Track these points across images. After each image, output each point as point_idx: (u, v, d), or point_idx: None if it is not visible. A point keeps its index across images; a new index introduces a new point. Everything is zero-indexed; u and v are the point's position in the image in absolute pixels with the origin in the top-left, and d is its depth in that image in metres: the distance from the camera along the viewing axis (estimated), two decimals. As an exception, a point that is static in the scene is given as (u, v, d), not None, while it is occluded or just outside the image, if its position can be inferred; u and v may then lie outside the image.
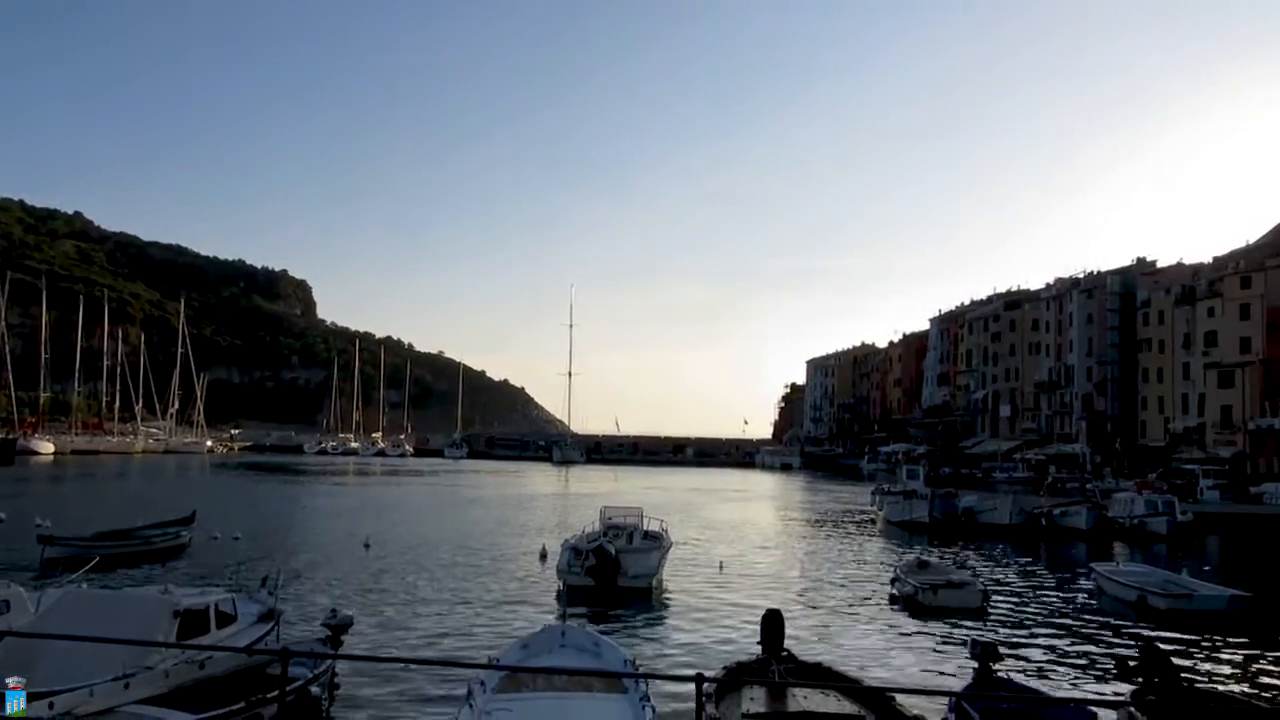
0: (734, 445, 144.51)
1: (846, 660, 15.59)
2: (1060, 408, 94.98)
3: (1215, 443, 73.85)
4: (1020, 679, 13.61)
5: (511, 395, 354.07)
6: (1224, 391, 74.21)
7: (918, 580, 22.27)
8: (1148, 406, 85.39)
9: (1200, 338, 77.99)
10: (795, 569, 29.07)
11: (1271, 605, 22.98)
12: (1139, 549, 36.87)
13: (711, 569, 27.63)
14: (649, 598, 22.22)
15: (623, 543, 24.16)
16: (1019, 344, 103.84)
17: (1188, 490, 55.93)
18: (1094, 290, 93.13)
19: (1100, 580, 25.07)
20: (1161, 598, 21.92)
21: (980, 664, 12.12)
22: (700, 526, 42.13)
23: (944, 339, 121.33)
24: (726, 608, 21.43)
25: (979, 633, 18.55)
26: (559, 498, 60.74)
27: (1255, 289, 74.18)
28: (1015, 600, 23.74)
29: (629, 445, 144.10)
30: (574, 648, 12.71)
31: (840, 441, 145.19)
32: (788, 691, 11.09)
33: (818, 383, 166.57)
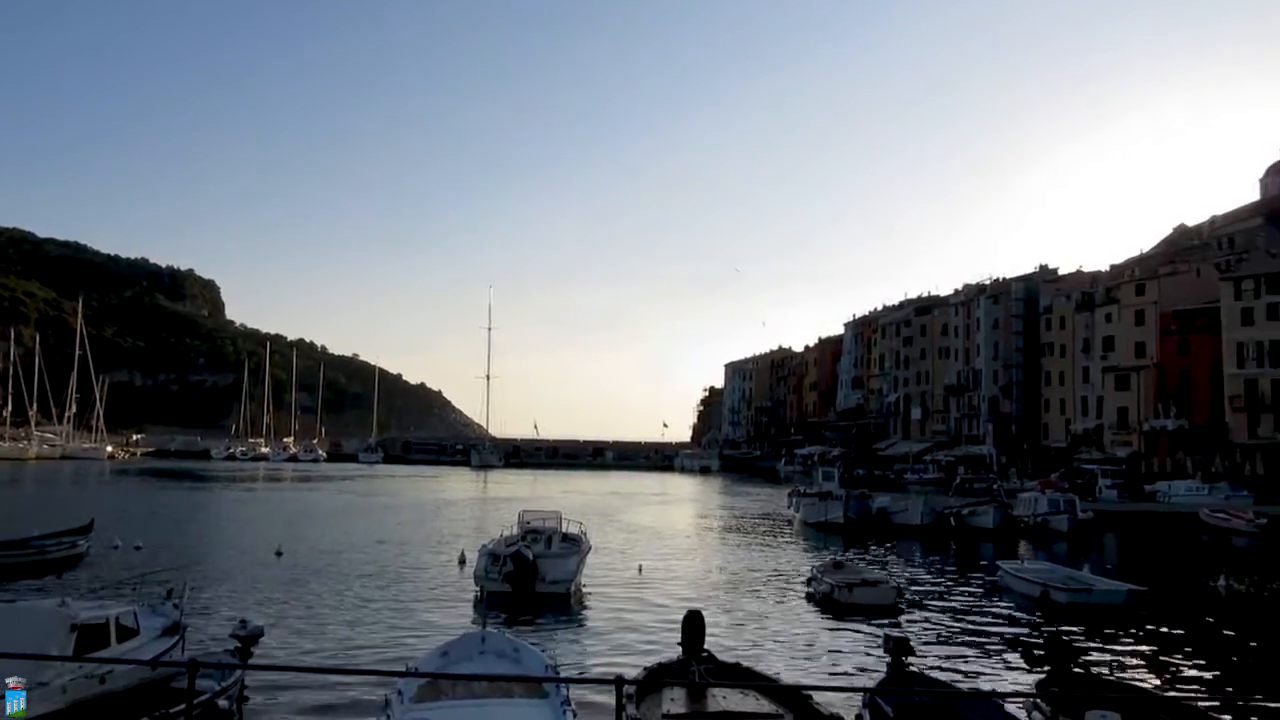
0: (654, 448, 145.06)
1: (765, 659, 15.80)
2: (969, 410, 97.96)
3: (1113, 443, 77.12)
4: (932, 673, 13.98)
5: (429, 399, 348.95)
6: (1121, 394, 77.56)
7: (833, 580, 22.69)
8: (1050, 409, 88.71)
9: (1099, 342, 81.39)
10: (715, 570, 29.30)
11: (1165, 598, 24.06)
12: (1042, 546, 38.21)
13: (631, 572, 27.67)
14: (568, 602, 22.14)
15: (541, 547, 23.99)
16: (929, 348, 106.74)
17: (1087, 489, 58.28)
18: (1000, 296, 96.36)
19: (1006, 577, 25.94)
20: (1063, 592, 22.76)
21: (893, 660, 12.43)
22: (620, 530, 42.17)
23: (858, 343, 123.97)
24: (646, 610, 21.49)
25: (892, 630, 18.97)
26: (477, 502, 60.09)
27: (1149, 296, 77.73)
28: (927, 597, 24.37)
29: (548, 449, 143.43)
30: (494, 654, 12.57)
31: (758, 444, 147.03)
32: (707, 692, 11.17)
33: (736, 386, 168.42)
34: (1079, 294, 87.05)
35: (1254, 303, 68.18)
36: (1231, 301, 69.50)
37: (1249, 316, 68.32)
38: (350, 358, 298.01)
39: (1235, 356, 68.78)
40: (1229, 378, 68.91)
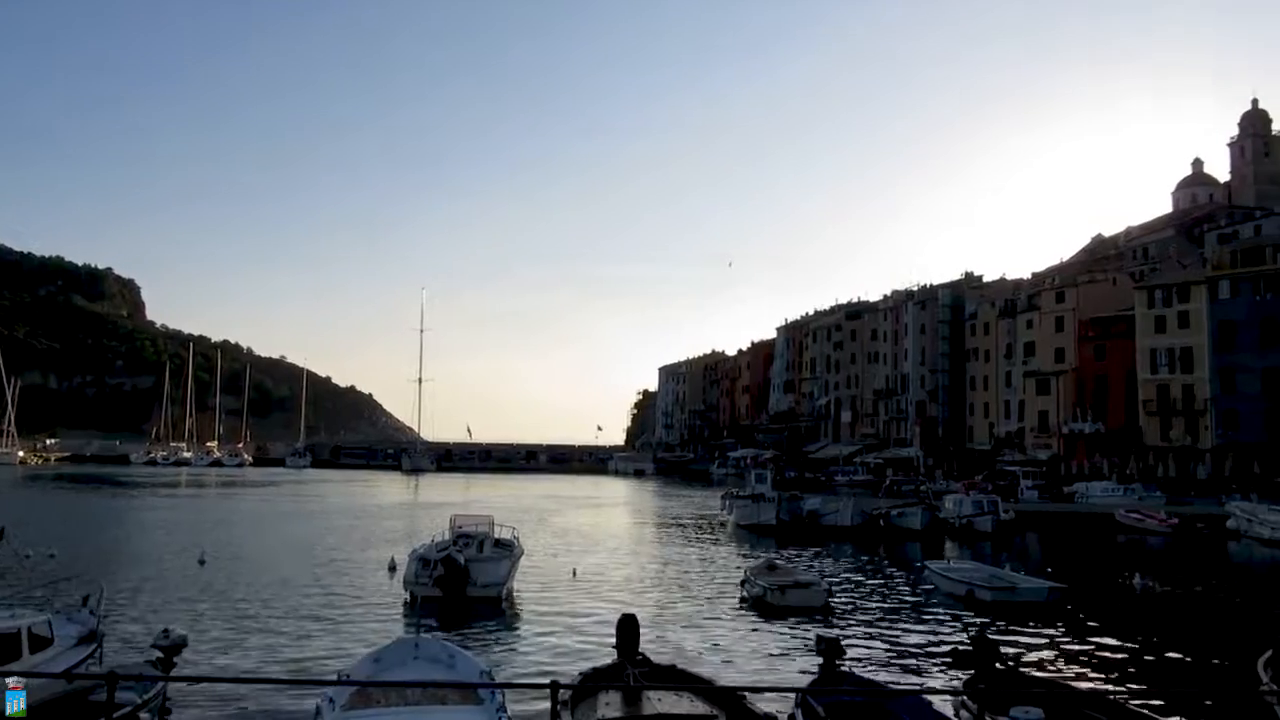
0: (587, 451, 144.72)
1: (700, 661, 15.89)
2: (897, 413, 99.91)
3: (1034, 446, 79.44)
4: (862, 673, 14.22)
5: (359, 402, 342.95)
6: (1041, 398, 79.93)
7: (766, 581, 22.92)
8: (975, 412, 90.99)
9: (1020, 348, 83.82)
10: (649, 573, 29.37)
11: (1083, 595, 24.85)
12: (967, 546, 39.15)
13: (565, 576, 27.58)
14: (500, 606, 21.98)
15: (473, 551, 23.76)
16: (859, 353, 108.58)
17: (1010, 490, 59.89)
18: (927, 303, 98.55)
19: (933, 577, 26.52)
20: (988, 591, 23.35)
21: (825, 660, 12.60)
22: (553, 533, 41.99)
23: (790, 347, 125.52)
24: (581, 614, 21.44)
25: (824, 630, 19.24)
26: (408, 507, 59.25)
27: (1069, 303, 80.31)
28: (857, 598, 24.79)
29: (481, 452, 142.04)
30: (428, 660, 12.41)
31: (691, 447, 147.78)
32: (642, 694, 11.17)
33: (669, 389, 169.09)
34: (1002, 301, 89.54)
35: (1165, 311, 70.92)
36: (1145, 309, 72.20)
37: (1161, 324, 71.04)
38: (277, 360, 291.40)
39: (1148, 362, 71.45)
40: (1142, 383, 71.55)
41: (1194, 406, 68.49)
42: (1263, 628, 18.96)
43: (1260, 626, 19.79)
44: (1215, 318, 67.99)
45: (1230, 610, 24.29)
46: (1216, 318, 67.95)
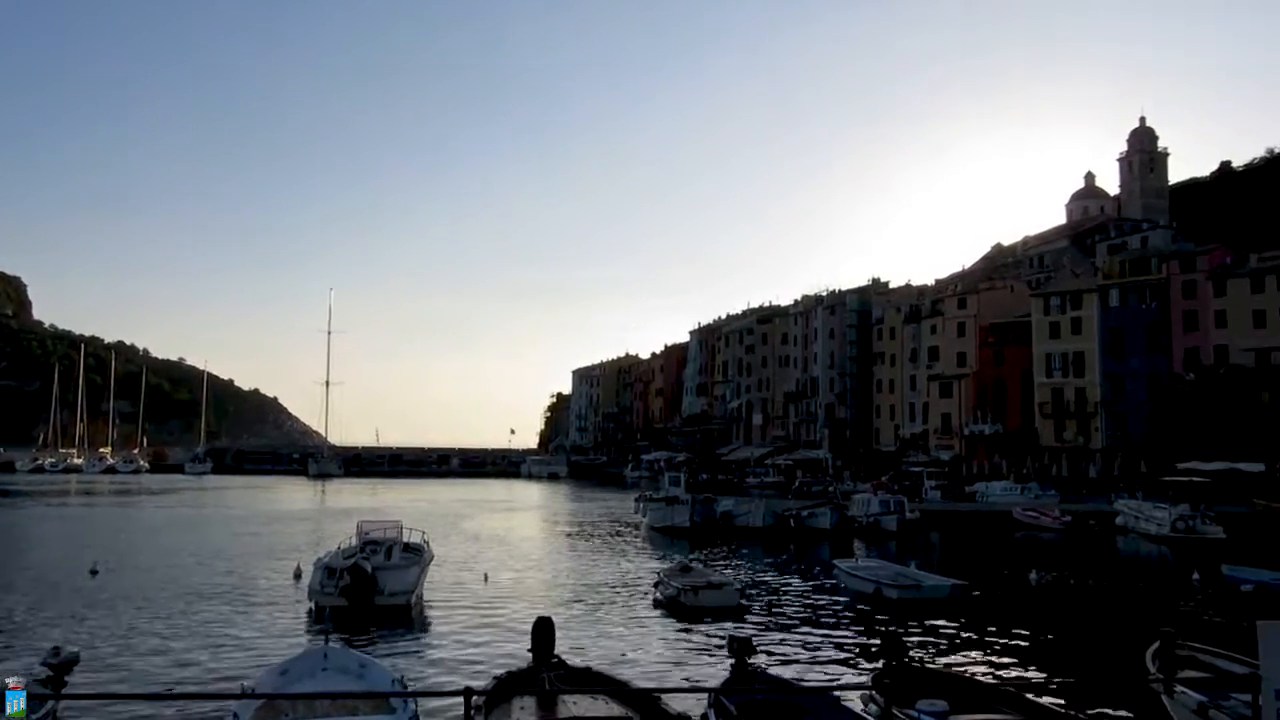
0: (500, 455, 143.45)
1: (616, 664, 15.89)
2: (806, 416, 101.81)
3: (937, 447, 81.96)
4: (774, 671, 14.43)
5: (263, 405, 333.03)
6: (944, 401, 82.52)
7: (679, 583, 23.07)
8: (881, 414, 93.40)
9: (925, 352, 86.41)
10: (563, 577, 29.27)
11: (984, 591, 25.72)
12: (874, 545, 40.11)
13: (477, 581, 27.28)
14: (409, 614, 21.61)
15: (380, 558, 23.23)
16: (770, 356, 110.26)
17: (914, 490, 61.64)
18: (836, 308, 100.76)
19: (842, 576, 27.11)
20: (894, 589, 23.97)
21: (737, 659, 12.74)
22: (465, 538, 41.51)
23: (703, 351, 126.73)
24: (494, 619, 21.24)
25: (736, 630, 19.47)
26: (314, 513, 57.76)
27: (970, 309, 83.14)
28: (769, 597, 25.15)
29: (391, 457, 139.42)
30: (337, 670, 12.12)
31: (605, 450, 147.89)
32: (558, 699, 11.14)
33: (583, 392, 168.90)
34: (907, 306, 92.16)
35: (1060, 317, 74.05)
36: (1040, 316, 75.24)
37: (1055, 330, 74.14)
38: (176, 362, 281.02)
39: (1044, 367, 74.48)
40: (1038, 386, 74.53)
41: (1085, 409, 71.65)
42: (1150, 619, 19.94)
43: (1147, 618, 20.81)
44: (1105, 324, 71.29)
45: (1119, 602, 25.47)
46: (1106, 324, 71.25)
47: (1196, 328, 67.00)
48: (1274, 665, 5.53)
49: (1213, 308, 66.51)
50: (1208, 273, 67.59)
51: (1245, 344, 63.83)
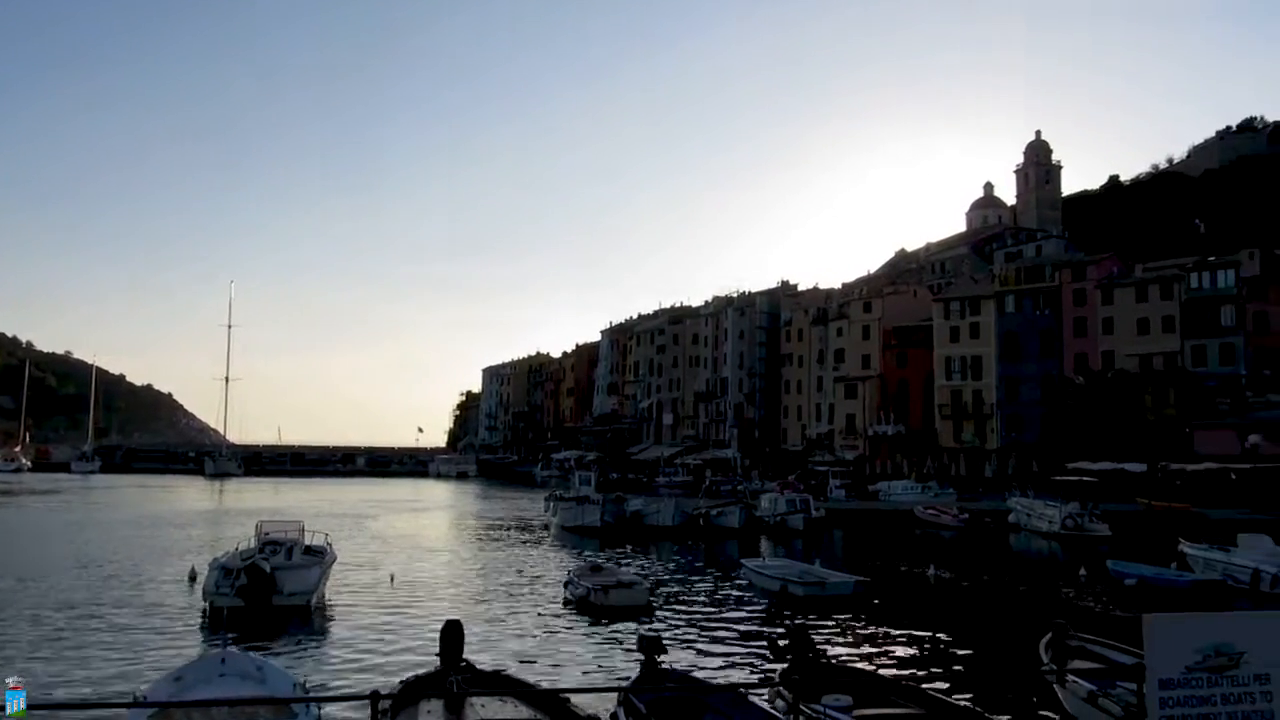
0: (408, 454, 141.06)
1: (525, 665, 15.76)
2: (716, 416, 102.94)
3: (842, 447, 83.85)
4: (683, 669, 14.50)
5: (157, 402, 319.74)
6: (849, 402, 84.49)
7: (589, 583, 23.02)
8: (789, 414, 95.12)
9: (831, 354, 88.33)
10: (472, 578, 28.92)
11: (886, 587, 26.39)
12: (781, 544, 40.78)
13: (383, 582, 26.73)
14: (310, 616, 21.03)
15: (280, 559, 22.54)
16: (681, 356, 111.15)
17: (820, 489, 62.92)
18: (746, 309, 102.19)
19: (749, 574, 27.46)
20: (800, 586, 24.39)
21: (646, 658, 12.77)
22: (371, 539, 40.63)
23: (614, 350, 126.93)
24: (401, 621, 20.83)
25: (645, 629, 19.52)
26: (212, 514, 55.74)
27: (875, 313, 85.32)
28: (679, 596, 25.30)
29: (294, 455, 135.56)
30: (235, 675, 11.68)
31: (515, 449, 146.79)
32: (466, 702, 10.99)
33: (493, 391, 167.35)
34: (815, 309, 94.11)
35: (959, 322, 76.61)
36: (941, 320, 77.71)
37: (955, 334, 76.69)
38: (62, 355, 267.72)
39: (944, 369, 76.94)
40: (938, 388, 76.96)
41: (983, 411, 74.30)
42: (1042, 612, 20.75)
43: (1040, 611, 21.65)
44: (1001, 330, 74.05)
45: (1013, 596, 26.44)
46: (1002, 329, 74.01)
47: (1086, 334, 70.18)
48: (1158, 656, 5.78)
49: (1101, 315, 69.77)
50: (1097, 282, 70.85)
51: (1130, 350, 67.16)
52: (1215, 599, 24.05)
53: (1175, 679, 5.72)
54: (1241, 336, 63.37)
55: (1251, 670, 5.78)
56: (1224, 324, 64.33)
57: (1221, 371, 63.36)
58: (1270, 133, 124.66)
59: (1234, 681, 5.75)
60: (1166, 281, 67.78)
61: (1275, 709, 5.79)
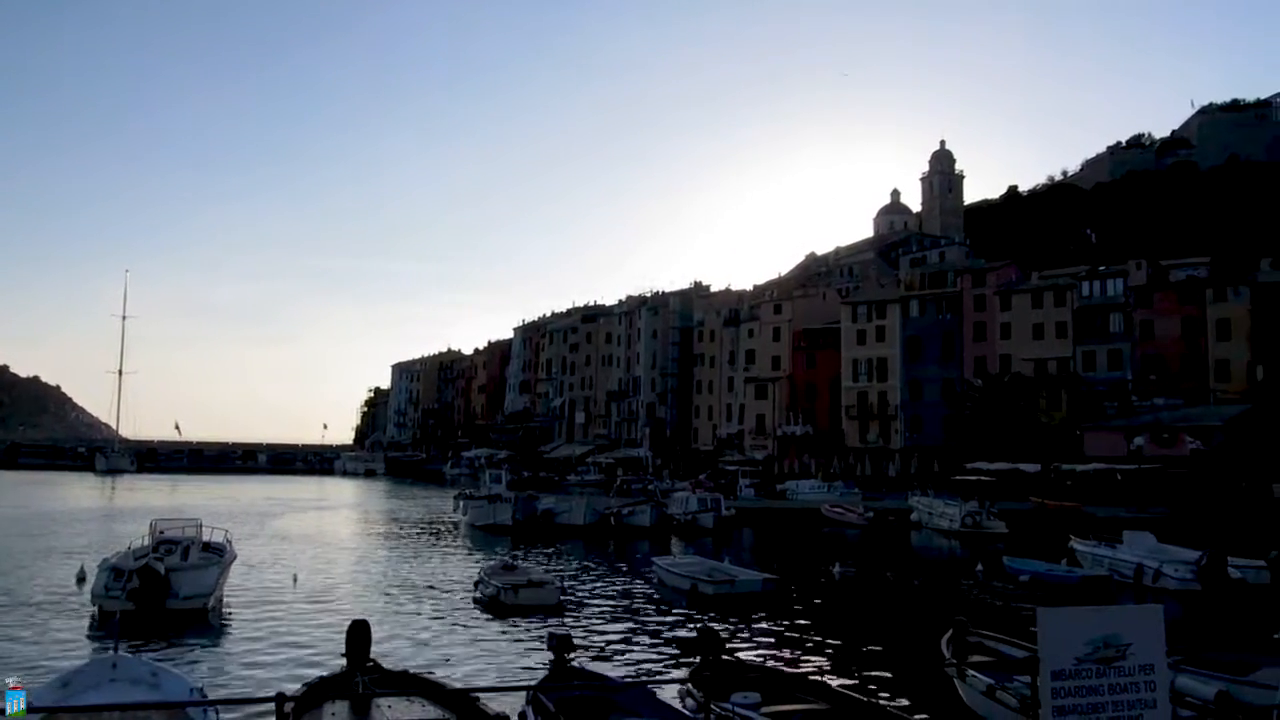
0: (313, 451, 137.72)
1: (435, 665, 15.54)
2: (628, 415, 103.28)
3: (752, 447, 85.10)
4: (592, 667, 14.52)
5: (44, 394, 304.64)
6: (759, 402, 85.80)
7: (500, 581, 22.84)
8: (700, 414, 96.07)
9: (742, 355, 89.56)
10: (380, 578, 28.37)
11: (793, 585, 26.86)
12: (692, 542, 41.09)
13: (286, 583, 26.02)
14: (208, 618, 20.34)
15: (176, 559, 21.67)
16: (594, 355, 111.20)
17: (730, 488, 63.68)
18: (659, 309, 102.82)
19: (660, 572, 27.62)
20: (709, 584, 24.62)
21: (556, 656, 12.75)
22: (273, 538, 39.51)
23: (526, 348, 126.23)
24: (305, 622, 20.30)
25: (555, 628, 19.45)
26: (103, 513, 53.33)
27: (785, 315, 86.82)
28: (590, 595, 25.29)
29: (192, 452, 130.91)
30: (128, 680, 11.19)
31: (425, 447, 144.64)
32: (372, 702, 10.82)
33: (403, 387, 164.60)
34: (727, 310, 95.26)
35: (866, 325, 78.58)
36: (849, 323, 79.58)
37: (862, 337, 78.62)
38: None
39: (851, 371, 78.80)
40: (845, 390, 78.78)
41: (887, 412, 76.35)
42: (943, 609, 21.42)
43: (941, 607, 22.35)
44: (905, 333, 76.24)
45: (915, 593, 27.23)
46: (906, 333, 76.20)
47: (985, 338, 72.78)
48: (1051, 649, 6.02)
49: (999, 320, 72.45)
50: (996, 288, 73.56)
51: (1026, 354, 69.92)
52: (1102, 593, 25.18)
53: (1067, 670, 5.95)
54: (1129, 343, 66.61)
55: (1137, 661, 6.06)
56: (1113, 331, 67.54)
57: (1110, 376, 66.49)
58: (1157, 149, 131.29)
59: (1120, 672, 6.02)
60: (1060, 289, 70.79)
61: (1158, 697, 6.09)
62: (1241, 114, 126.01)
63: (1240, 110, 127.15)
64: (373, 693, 11.00)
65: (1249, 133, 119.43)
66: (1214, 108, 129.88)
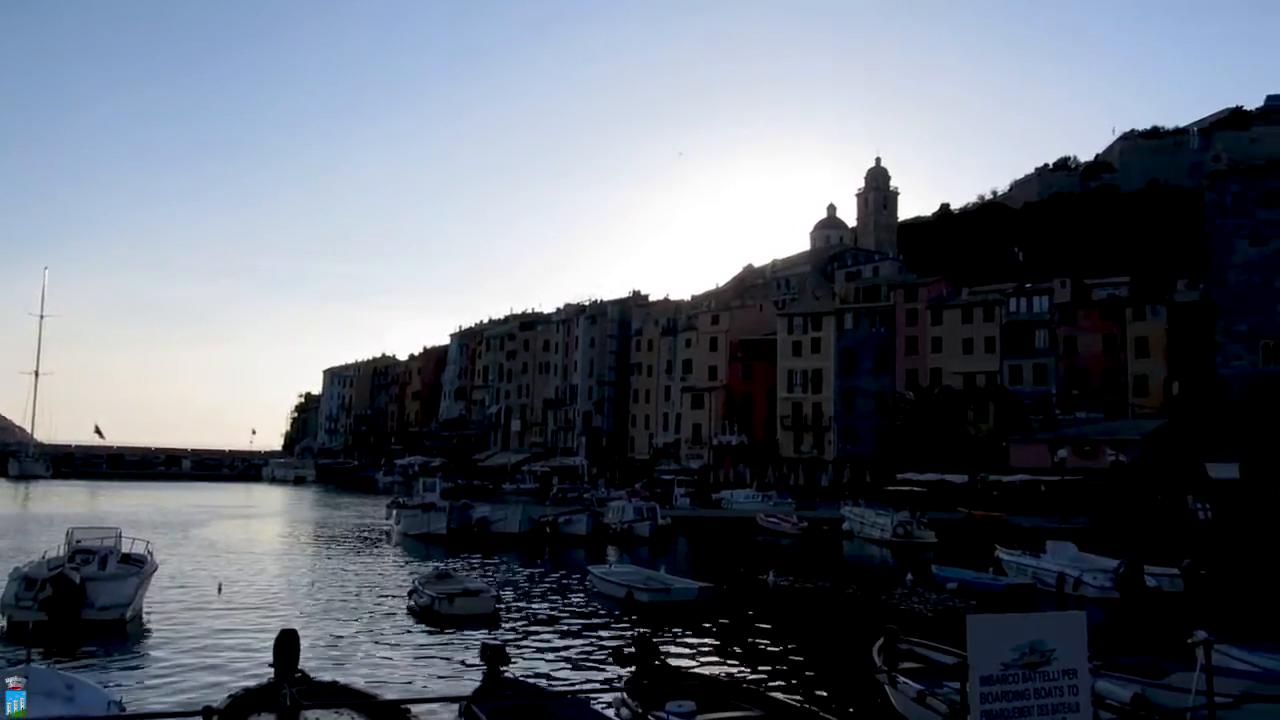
0: (240, 457, 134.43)
1: (365, 676, 15.29)
2: (564, 423, 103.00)
3: (688, 456, 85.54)
4: (528, 677, 14.42)
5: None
6: (696, 412, 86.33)
7: (434, 591, 22.58)
8: (637, 423, 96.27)
9: (680, 365, 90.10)
10: (309, 587, 27.79)
11: (728, 593, 27.03)
12: (628, 551, 41.07)
13: (210, 593, 25.34)
14: (126, 629, 19.71)
15: (93, 569, 20.95)
16: (531, 363, 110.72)
17: (666, 497, 63.84)
18: (597, 317, 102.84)
19: (595, 581, 27.56)
20: (645, 593, 24.68)
21: (489, 667, 12.65)
22: (197, 546, 38.40)
23: (463, 354, 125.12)
24: (231, 633, 19.79)
25: (489, 638, 19.27)
26: (16, 520, 51.20)
27: (722, 325, 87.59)
28: (525, 604, 25.12)
29: (112, 457, 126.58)
30: (41, 694, 10.77)
31: (357, 454, 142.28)
32: (300, 715, 10.56)
33: (335, 393, 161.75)
34: (665, 320, 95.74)
35: (801, 337, 79.66)
36: (785, 335, 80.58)
37: (797, 349, 79.66)
38: None
39: (786, 382, 79.76)
40: (780, 400, 79.71)
41: (821, 423, 77.43)
42: (875, 616, 21.76)
43: (873, 615, 22.70)
44: (840, 345, 77.49)
45: (847, 601, 27.61)
46: (841, 345, 77.46)
47: (917, 351, 74.34)
48: (979, 655, 6.15)
49: (930, 334, 74.08)
50: (927, 303, 75.21)
51: (956, 368, 71.58)
52: (1027, 601, 25.86)
53: (994, 675, 6.10)
54: (1053, 358, 68.68)
55: (1060, 665, 6.24)
56: (1038, 346, 69.56)
57: (1035, 390, 68.42)
58: (1082, 172, 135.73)
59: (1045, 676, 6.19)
60: (989, 305, 72.68)
61: (1080, 700, 6.27)
62: (1161, 140, 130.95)
63: (1160, 137, 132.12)
64: (301, 705, 10.75)
65: (1168, 159, 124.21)
66: (1135, 134, 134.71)
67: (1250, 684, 11.31)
